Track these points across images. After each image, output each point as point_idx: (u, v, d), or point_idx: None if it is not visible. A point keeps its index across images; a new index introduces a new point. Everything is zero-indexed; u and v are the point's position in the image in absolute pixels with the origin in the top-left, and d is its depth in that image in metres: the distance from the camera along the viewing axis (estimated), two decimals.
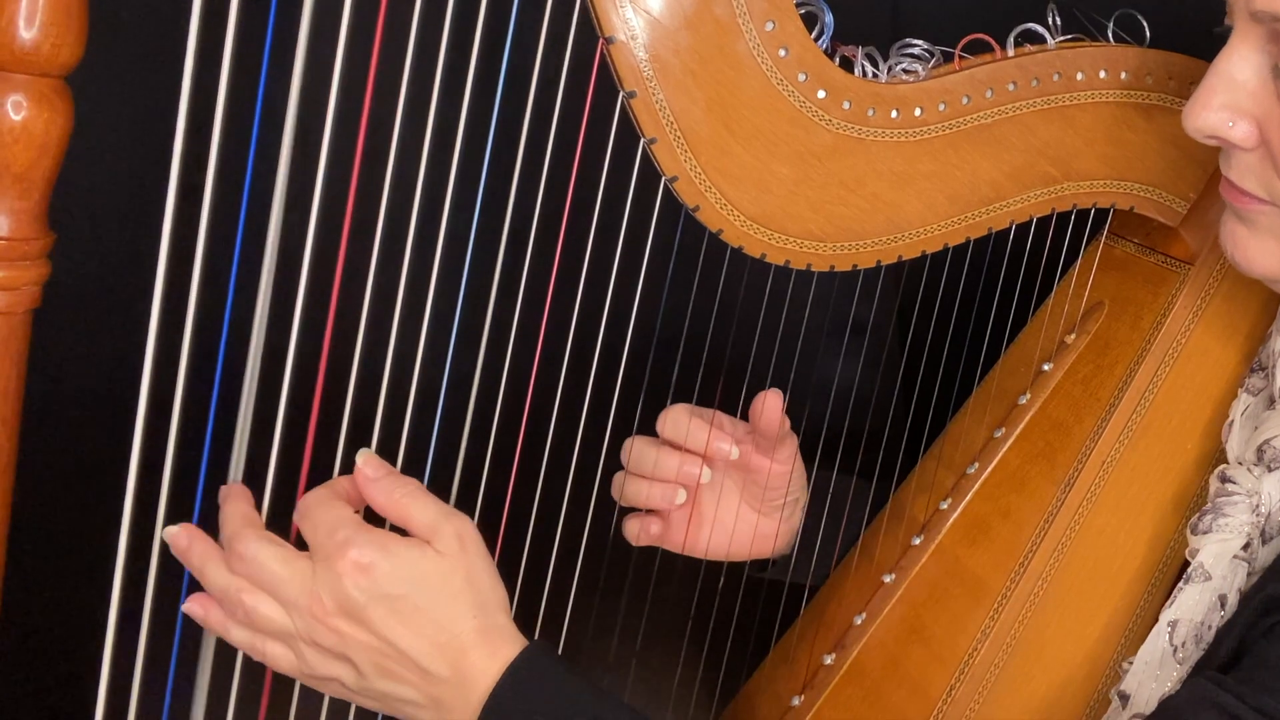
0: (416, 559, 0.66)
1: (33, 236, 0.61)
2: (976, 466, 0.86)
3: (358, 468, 0.69)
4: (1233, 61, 0.68)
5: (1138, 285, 0.86)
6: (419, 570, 0.66)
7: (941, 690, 0.79)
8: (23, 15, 0.57)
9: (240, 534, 0.67)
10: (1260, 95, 0.67)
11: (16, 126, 0.58)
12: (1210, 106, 0.68)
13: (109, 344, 0.94)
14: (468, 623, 0.66)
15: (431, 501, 0.69)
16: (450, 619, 0.66)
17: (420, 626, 0.66)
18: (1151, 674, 0.71)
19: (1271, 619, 0.66)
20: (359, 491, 0.69)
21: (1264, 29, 0.66)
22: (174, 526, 0.68)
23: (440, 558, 0.67)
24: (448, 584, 0.66)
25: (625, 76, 0.70)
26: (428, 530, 0.67)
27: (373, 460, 0.69)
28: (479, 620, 0.67)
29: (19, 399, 0.63)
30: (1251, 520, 0.72)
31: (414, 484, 0.69)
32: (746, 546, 0.89)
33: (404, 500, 0.68)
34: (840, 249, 0.77)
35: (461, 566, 0.67)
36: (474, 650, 0.66)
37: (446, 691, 0.66)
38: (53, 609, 0.98)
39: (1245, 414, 0.78)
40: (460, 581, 0.67)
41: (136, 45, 0.89)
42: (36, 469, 0.69)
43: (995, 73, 0.78)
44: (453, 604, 0.66)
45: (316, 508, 0.67)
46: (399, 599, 0.65)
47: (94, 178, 0.91)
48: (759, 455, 0.85)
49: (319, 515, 0.67)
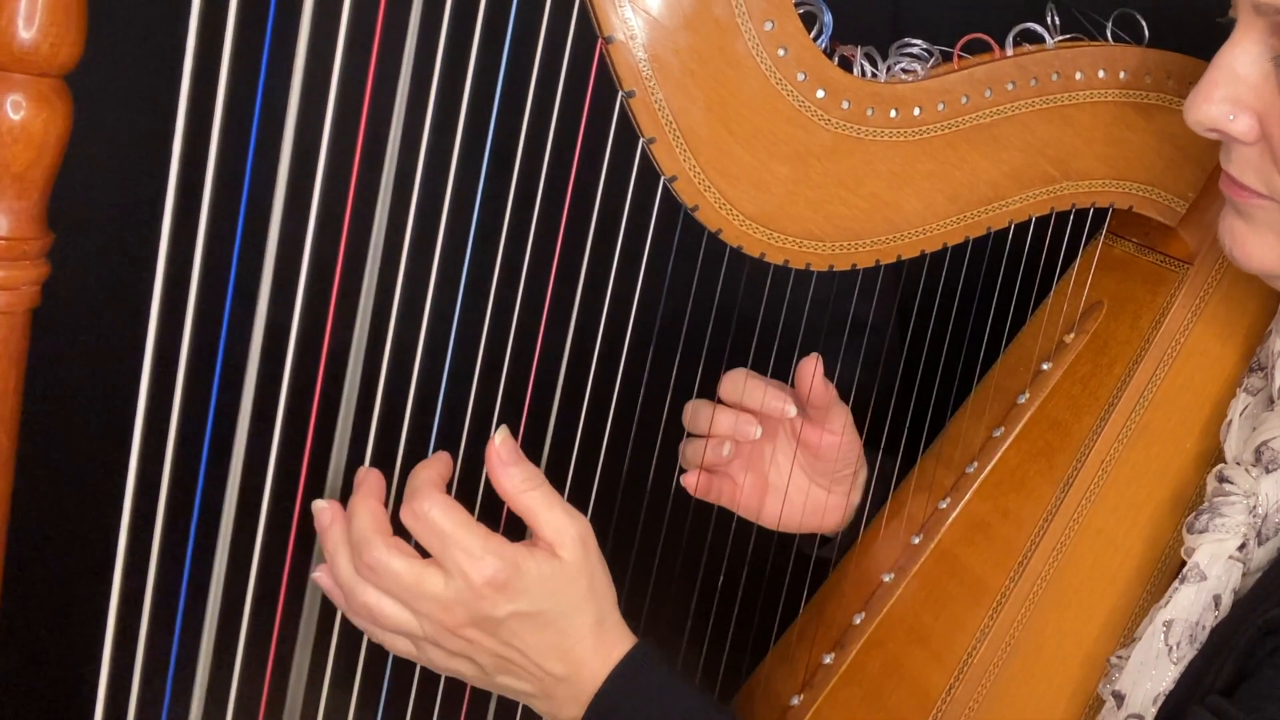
0: (549, 575, 0.68)
1: (32, 236, 0.61)
2: (976, 466, 0.86)
3: (492, 448, 0.69)
4: (1235, 55, 0.68)
5: (1136, 285, 0.86)
6: (551, 585, 0.69)
7: (940, 690, 0.79)
8: (22, 15, 0.57)
9: (368, 541, 0.67)
10: (1262, 89, 0.67)
11: (15, 126, 0.58)
12: (1212, 99, 0.68)
13: (108, 343, 0.94)
14: (588, 628, 0.70)
15: (557, 501, 0.70)
16: (574, 626, 0.70)
17: (548, 635, 0.69)
18: (1146, 673, 0.71)
19: (1273, 641, 0.66)
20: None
21: (1266, 22, 0.66)
22: (322, 501, 0.70)
23: (566, 568, 0.69)
24: (573, 595, 0.69)
25: (624, 76, 0.70)
26: (553, 533, 0.69)
27: (509, 443, 0.70)
28: (597, 624, 0.70)
29: (18, 398, 0.63)
30: (1248, 521, 0.72)
31: (542, 479, 0.70)
32: (800, 517, 0.92)
33: (532, 497, 0.69)
34: (839, 248, 0.77)
35: (585, 574, 0.70)
36: (589, 652, 0.70)
37: (560, 687, 0.70)
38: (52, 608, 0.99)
39: (1244, 414, 0.78)
40: (584, 590, 0.70)
41: (136, 45, 0.89)
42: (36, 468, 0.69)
43: (994, 72, 0.78)
44: (577, 613, 0.70)
45: (436, 512, 0.67)
46: (530, 614, 0.68)
47: (93, 177, 0.91)
48: (811, 425, 0.88)
49: (441, 523, 0.67)
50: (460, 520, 0.67)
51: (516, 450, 0.70)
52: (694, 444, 0.89)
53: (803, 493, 0.92)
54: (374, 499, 0.69)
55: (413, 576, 0.67)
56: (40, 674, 1.02)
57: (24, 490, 0.65)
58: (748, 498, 0.91)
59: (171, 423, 0.65)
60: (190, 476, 0.67)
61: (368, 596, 0.68)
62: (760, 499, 0.91)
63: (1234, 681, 0.68)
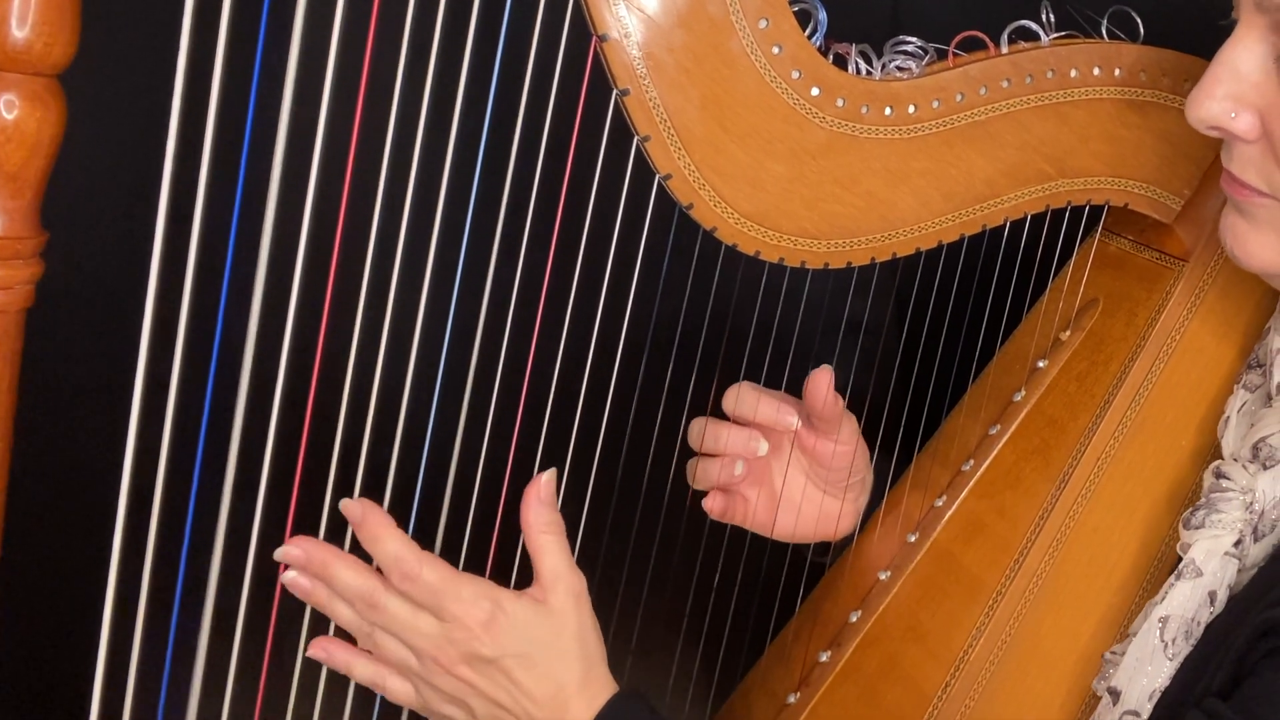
0: (531, 617, 0.72)
1: (26, 235, 0.61)
2: (972, 464, 0.86)
3: (537, 481, 0.73)
4: (1237, 52, 0.67)
5: (1132, 282, 0.86)
6: (539, 631, 0.72)
7: (937, 687, 0.79)
8: (15, 14, 0.57)
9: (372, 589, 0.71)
10: (1264, 86, 0.67)
11: (9, 125, 0.58)
12: (1214, 96, 0.68)
13: (103, 342, 0.94)
14: (574, 674, 0.72)
15: (565, 552, 0.74)
16: (561, 672, 0.72)
17: (535, 680, 0.71)
18: (1142, 670, 0.71)
19: (1270, 643, 0.66)
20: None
21: (1268, 19, 0.66)
22: (304, 580, 0.73)
23: (554, 616, 0.72)
24: (560, 641, 0.72)
25: (618, 74, 0.70)
26: (550, 577, 0.73)
27: (550, 485, 0.74)
28: (584, 673, 0.73)
29: (13, 397, 0.63)
30: (1244, 517, 0.72)
31: (562, 527, 0.74)
32: (813, 527, 0.92)
33: (547, 540, 0.73)
34: (834, 246, 0.77)
35: (573, 623, 0.73)
36: (575, 699, 0.72)
37: None
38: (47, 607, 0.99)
39: (1241, 410, 0.78)
40: (570, 638, 0.73)
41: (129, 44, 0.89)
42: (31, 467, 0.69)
43: (989, 70, 0.78)
44: (563, 660, 0.72)
45: (425, 571, 0.70)
46: (518, 655, 0.71)
47: (87, 176, 0.91)
48: (820, 436, 0.87)
49: (430, 578, 0.70)
50: (447, 574, 0.71)
51: (554, 495, 0.74)
52: (705, 464, 0.89)
53: (814, 504, 0.91)
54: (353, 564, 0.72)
55: (409, 615, 0.71)
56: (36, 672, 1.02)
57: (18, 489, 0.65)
58: (759, 514, 0.91)
59: (167, 422, 0.65)
60: (186, 474, 0.67)
61: (375, 635, 0.72)
62: (771, 514, 0.91)
63: (1230, 683, 0.68)
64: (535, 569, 0.73)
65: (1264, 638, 0.67)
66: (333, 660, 0.74)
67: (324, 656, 0.74)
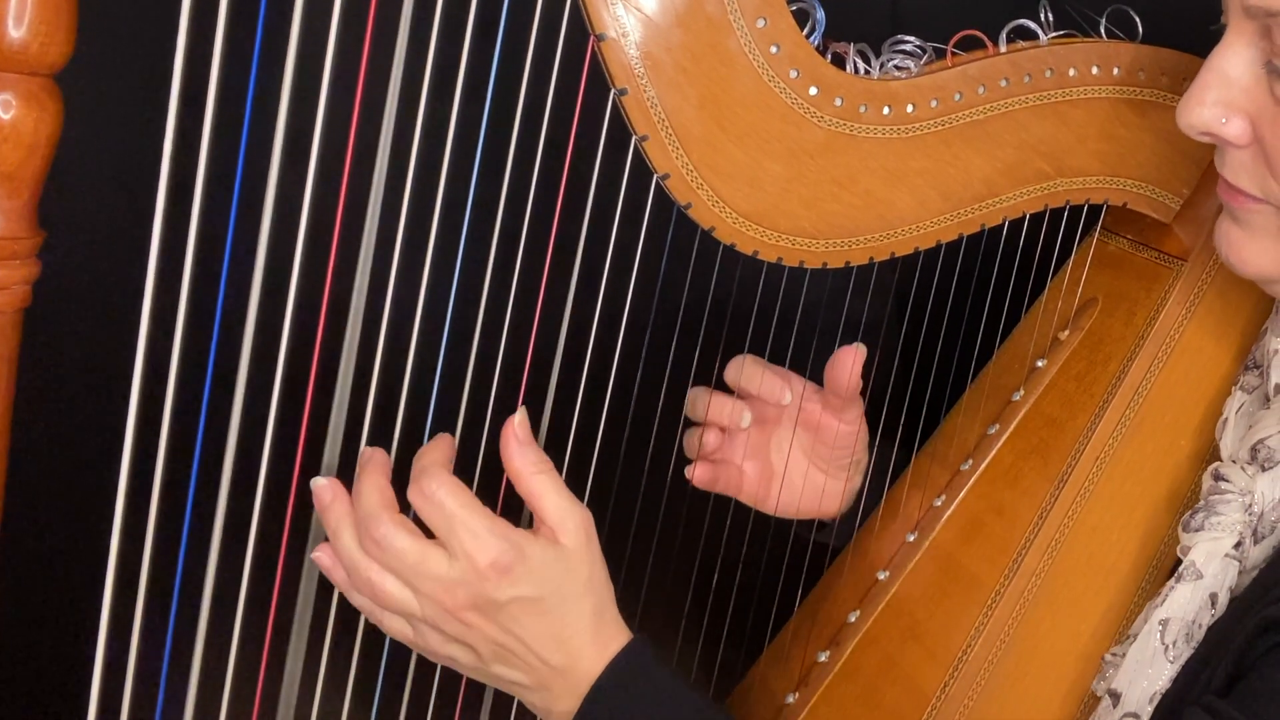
0: (550, 560, 0.69)
1: (22, 235, 0.61)
2: (971, 463, 0.86)
3: (510, 425, 0.70)
4: (1226, 57, 0.67)
5: (1131, 281, 0.86)
6: (553, 571, 0.69)
7: (936, 687, 0.79)
8: (11, 14, 0.57)
9: (376, 516, 0.68)
10: (1254, 91, 0.67)
11: (5, 125, 0.58)
12: (1204, 102, 0.68)
13: (100, 342, 0.94)
14: (586, 619, 0.70)
15: (563, 488, 0.70)
16: (574, 616, 0.70)
17: (547, 623, 0.69)
18: (1143, 672, 0.71)
19: (1270, 640, 0.66)
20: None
21: (1257, 24, 0.66)
22: (321, 479, 0.70)
23: (568, 554, 0.69)
24: (574, 583, 0.70)
25: (616, 74, 0.70)
26: (556, 517, 0.69)
27: (526, 425, 0.70)
28: (595, 616, 0.70)
29: (10, 398, 0.63)
30: (1244, 519, 0.71)
31: (550, 464, 0.71)
32: (809, 504, 0.92)
33: (539, 480, 0.70)
34: (833, 246, 0.77)
35: (585, 563, 0.70)
36: (587, 644, 0.70)
37: (556, 679, 0.70)
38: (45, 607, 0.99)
39: (1239, 412, 0.78)
40: (584, 579, 0.70)
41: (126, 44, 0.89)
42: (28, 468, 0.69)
43: (987, 69, 0.78)
44: (577, 602, 0.70)
45: (443, 493, 0.68)
46: (531, 600, 0.68)
47: (84, 176, 0.91)
48: (827, 414, 0.87)
49: (448, 504, 0.67)
50: (467, 502, 0.68)
51: (529, 430, 0.71)
52: (692, 433, 0.90)
53: (811, 481, 0.92)
54: (381, 476, 0.69)
55: (417, 555, 0.67)
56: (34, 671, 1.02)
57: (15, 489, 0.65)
58: (753, 485, 0.91)
59: (164, 420, 0.65)
60: (183, 473, 0.67)
61: (370, 573, 0.68)
62: (766, 486, 0.91)
63: (1230, 680, 0.68)
64: (537, 512, 0.70)
65: (1264, 634, 0.67)
66: (334, 576, 0.71)
67: (328, 565, 0.71)
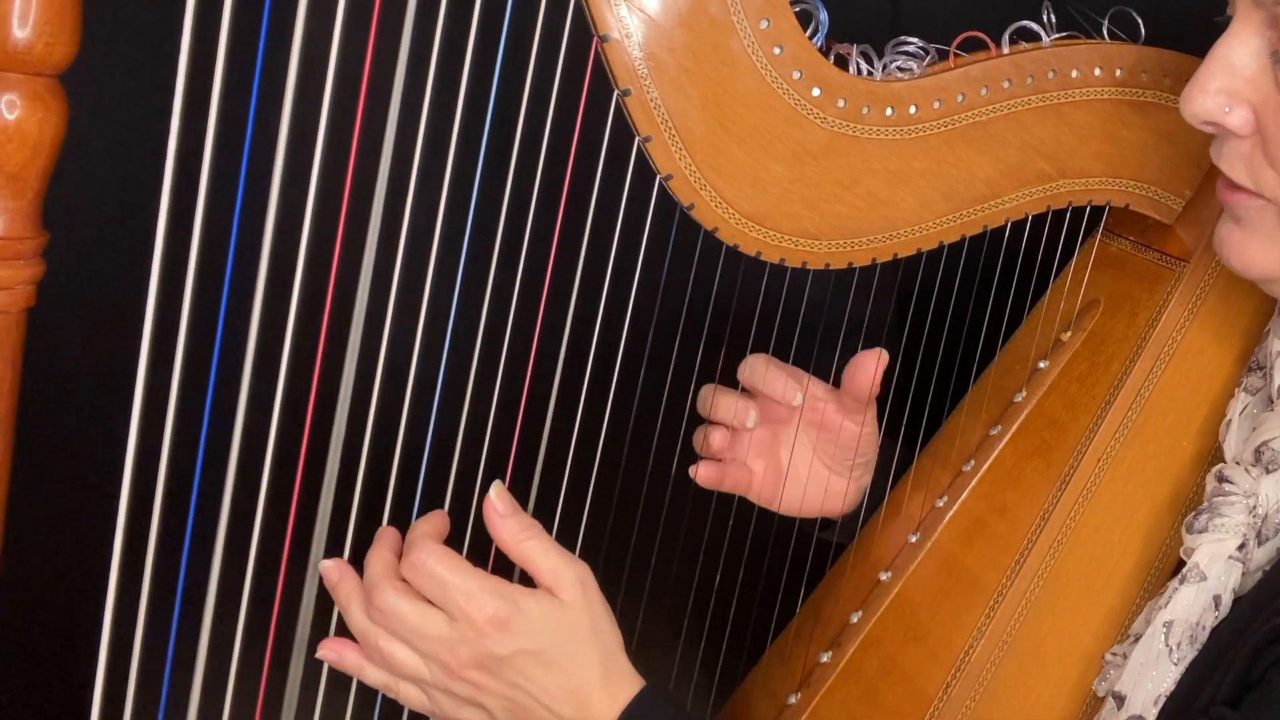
0: (548, 612, 0.70)
1: (27, 236, 0.61)
2: (973, 464, 0.86)
3: (489, 502, 0.72)
4: (1232, 46, 0.67)
5: (1133, 282, 0.86)
6: (550, 623, 0.70)
7: (938, 688, 0.79)
8: (16, 14, 0.57)
9: (378, 585, 0.71)
10: (1259, 81, 0.67)
11: (10, 125, 0.58)
12: (1208, 91, 0.68)
13: (104, 343, 0.94)
14: (594, 668, 0.71)
15: (553, 547, 0.72)
16: (579, 666, 0.71)
17: (552, 675, 0.70)
18: (1147, 674, 0.71)
19: (1278, 650, 0.66)
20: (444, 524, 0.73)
21: (1264, 14, 0.65)
22: (328, 561, 0.73)
23: (567, 607, 0.71)
24: (575, 633, 0.71)
25: (620, 75, 0.70)
26: (551, 577, 0.71)
27: (504, 496, 0.72)
28: (602, 665, 0.71)
29: (14, 398, 0.63)
30: (1248, 521, 0.71)
31: (538, 527, 0.72)
32: (818, 503, 0.92)
33: (529, 544, 0.72)
34: (835, 247, 0.77)
35: (586, 614, 0.71)
36: (596, 692, 0.71)
37: None
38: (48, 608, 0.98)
39: (1243, 413, 0.78)
40: (586, 629, 0.71)
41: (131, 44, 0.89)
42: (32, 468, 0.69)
43: (990, 70, 0.78)
44: (580, 652, 0.71)
45: (432, 561, 0.70)
46: (533, 653, 0.70)
47: (88, 177, 0.91)
48: (844, 415, 0.88)
49: (438, 570, 0.70)
50: (457, 566, 0.70)
51: (512, 502, 0.72)
52: (700, 430, 0.90)
53: (819, 480, 0.92)
54: (388, 551, 0.72)
55: (418, 617, 0.70)
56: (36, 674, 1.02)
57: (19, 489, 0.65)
58: (761, 484, 0.91)
59: (167, 422, 0.65)
60: (186, 476, 0.67)
61: (380, 640, 0.71)
62: (774, 485, 0.91)
63: (1238, 689, 0.67)
64: (534, 575, 0.72)
65: (1272, 644, 0.67)
66: (343, 662, 0.73)
67: (334, 658, 0.73)
